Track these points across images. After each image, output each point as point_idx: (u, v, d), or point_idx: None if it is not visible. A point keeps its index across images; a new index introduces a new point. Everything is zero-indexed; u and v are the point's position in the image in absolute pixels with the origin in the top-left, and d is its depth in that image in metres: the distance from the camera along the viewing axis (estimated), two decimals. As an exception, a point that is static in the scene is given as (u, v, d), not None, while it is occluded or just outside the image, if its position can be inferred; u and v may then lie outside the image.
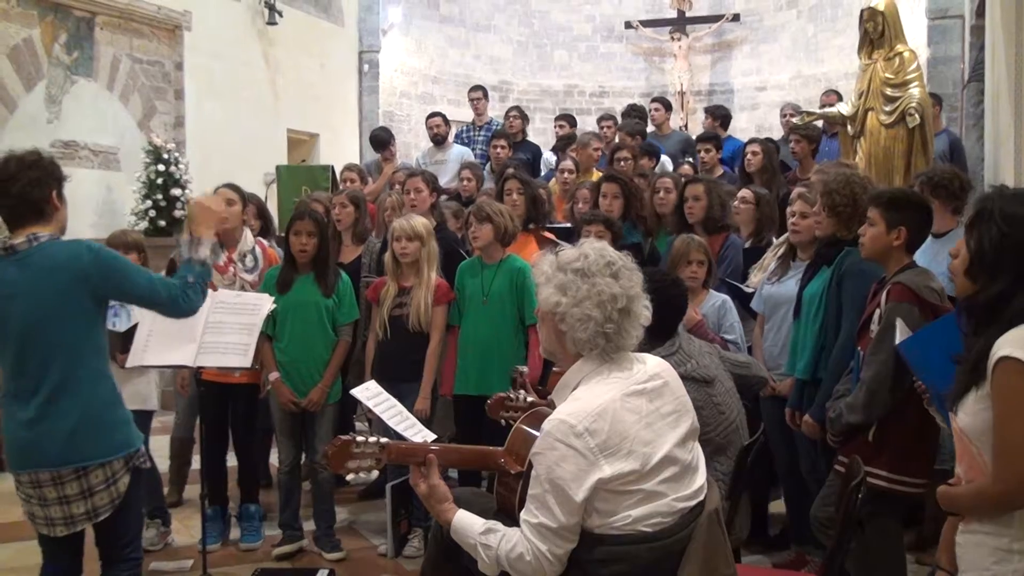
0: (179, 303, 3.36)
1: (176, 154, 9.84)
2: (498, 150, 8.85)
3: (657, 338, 3.90)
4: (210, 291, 4.69)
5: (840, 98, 9.12)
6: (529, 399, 3.40)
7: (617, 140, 8.90)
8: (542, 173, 9.26)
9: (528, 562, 2.58)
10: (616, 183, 6.17)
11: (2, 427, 3.42)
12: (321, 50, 13.32)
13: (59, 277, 3.22)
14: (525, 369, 3.72)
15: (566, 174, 8.04)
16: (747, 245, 5.79)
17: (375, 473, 2.92)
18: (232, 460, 5.51)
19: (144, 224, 9.39)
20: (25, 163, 3.28)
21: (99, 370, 3.34)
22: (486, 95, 10.79)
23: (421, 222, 5.26)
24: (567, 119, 10.57)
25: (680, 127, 14.12)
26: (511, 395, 3.47)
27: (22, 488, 3.33)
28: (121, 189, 9.83)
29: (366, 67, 14.17)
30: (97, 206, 9.60)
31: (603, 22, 16.19)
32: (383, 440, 2.87)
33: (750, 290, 5.25)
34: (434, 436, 4.01)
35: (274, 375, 5.08)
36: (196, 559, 4.86)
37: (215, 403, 5.21)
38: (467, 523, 2.75)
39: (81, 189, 9.32)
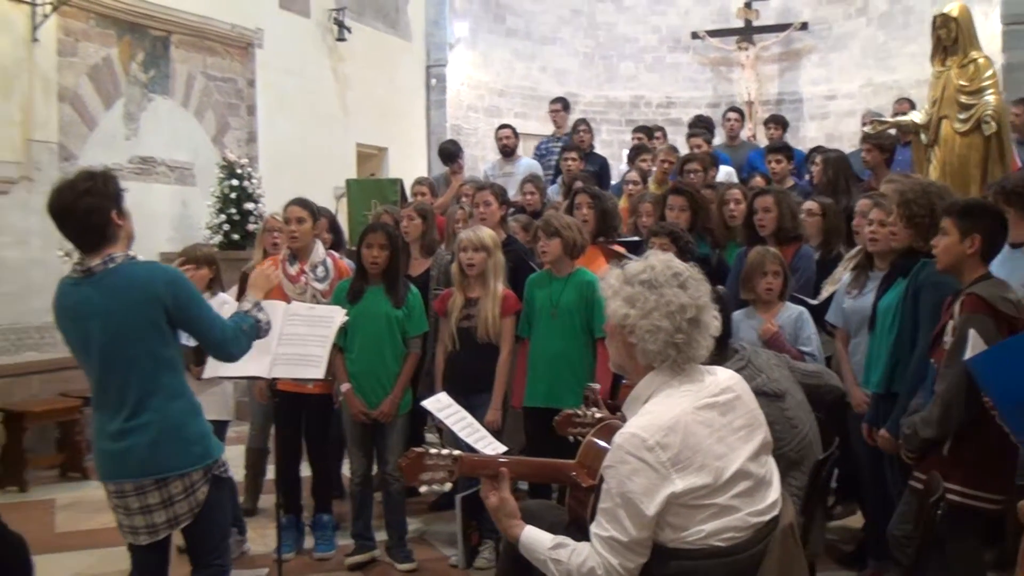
0: (228, 345, 3.51)
1: (249, 169, 10.00)
2: (569, 163, 8.86)
3: (720, 352, 3.87)
4: (283, 303, 4.81)
5: (913, 106, 8.97)
6: (598, 415, 3.40)
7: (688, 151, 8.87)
8: (612, 184, 9.25)
9: None
10: (682, 195, 6.14)
11: (91, 437, 3.55)
12: (389, 65, 13.47)
13: (134, 296, 3.31)
14: (598, 386, 3.72)
15: (631, 186, 8.03)
16: (815, 257, 5.73)
17: (448, 485, 2.94)
18: (305, 470, 5.59)
19: (218, 238, 9.57)
20: (78, 191, 3.32)
21: (176, 385, 3.42)
22: (566, 107, 10.82)
23: (488, 233, 5.29)
24: (643, 130, 10.55)
25: (748, 137, 14.02)
26: (579, 411, 3.47)
27: (110, 497, 3.45)
28: (196, 203, 10.04)
29: (433, 81, 14.29)
30: (173, 220, 9.82)
31: (669, 33, 16.13)
32: (455, 452, 2.89)
33: (814, 302, 5.20)
34: (504, 448, 4.03)
35: (346, 386, 5.13)
36: (271, 567, 4.94)
37: (289, 414, 5.31)
38: (536, 538, 2.75)
39: (158, 204, 9.55)
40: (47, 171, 8.69)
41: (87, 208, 3.30)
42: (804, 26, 15.19)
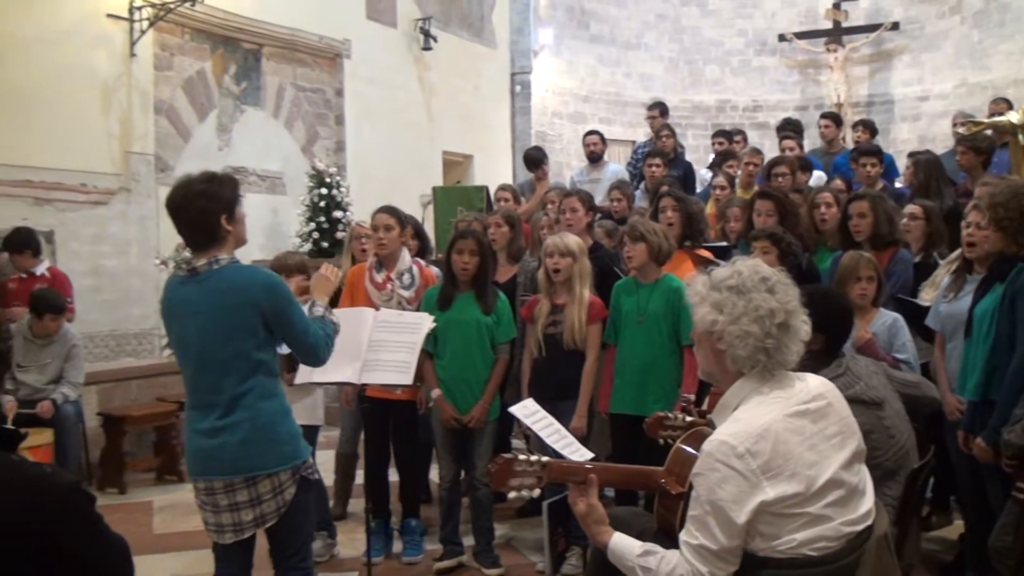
0: (318, 351, 3.59)
1: (337, 178, 10.17)
2: (653, 168, 8.82)
3: (822, 360, 3.81)
4: (373, 310, 4.87)
5: (1010, 106, 8.73)
6: (688, 418, 3.38)
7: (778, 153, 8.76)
8: (697, 190, 9.18)
9: None
10: (770, 200, 6.06)
11: (184, 436, 3.64)
12: (474, 73, 13.57)
13: (232, 299, 3.40)
14: (692, 397, 3.68)
15: (718, 191, 7.96)
16: (916, 260, 5.62)
17: (536, 491, 2.94)
18: (394, 475, 5.65)
19: (308, 246, 9.74)
20: (192, 192, 3.43)
21: (268, 387, 3.49)
22: (663, 112, 10.78)
23: (574, 239, 5.29)
24: (725, 135, 10.45)
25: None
26: (670, 414, 3.45)
27: (198, 495, 3.53)
28: (286, 212, 10.25)
29: (518, 88, 14.35)
30: (264, 229, 10.03)
31: (756, 36, 15.96)
32: (544, 459, 2.90)
33: (926, 303, 5.08)
34: (592, 455, 4.03)
35: (436, 392, 5.18)
36: (361, 571, 5.00)
37: (377, 419, 5.38)
38: (624, 545, 2.74)
39: (250, 213, 9.63)
40: (144, 182, 8.96)
41: (198, 209, 3.40)
42: (895, 26, 14.89)
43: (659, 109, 10.78)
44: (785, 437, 2.55)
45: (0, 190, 7.89)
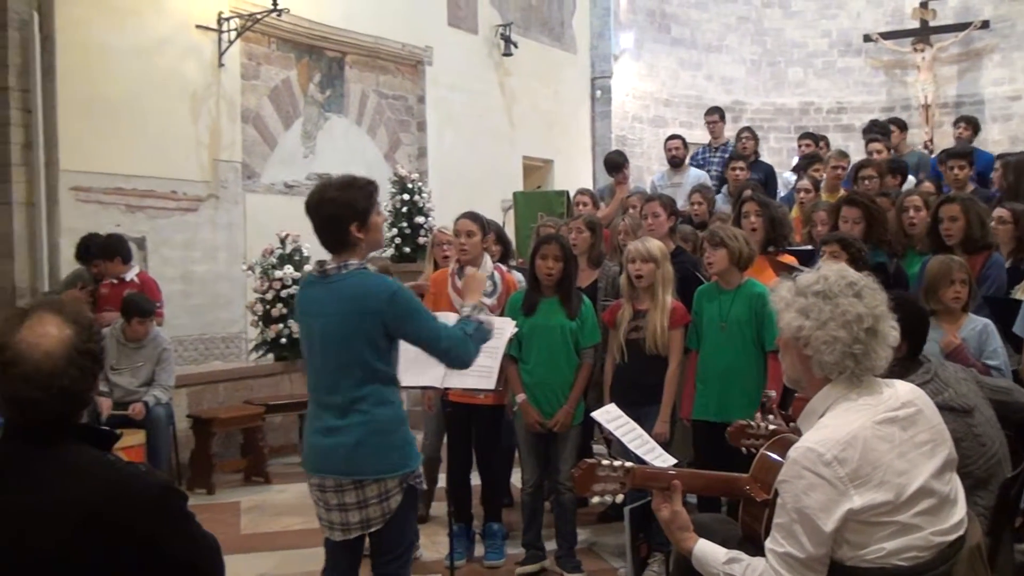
0: (456, 353, 3.57)
1: (419, 184, 10.28)
2: (736, 172, 8.74)
3: (907, 365, 3.75)
4: (455, 315, 4.90)
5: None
6: (771, 427, 3.34)
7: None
8: (779, 194, 9.07)
9: None
10: (857, 207, 5.94)
11: (304, 429, 3.71)
12: (555, 78, 13.60)
13: (356, 306, 3.44)
14: (773, 393, 3.65)
15: (802, 194, 7.85)
16: (1007, 265, 5.48)
17: (620, 497, 2.94)
18: (476, 479, 5.68)
19: (390, 251, 9.85)
20: (325, 197, 3.49)
21: (386, 394, 3.53)
22: (723, 117, 10.70)
23: (656, 244, 5.26)
24: (811, 137, 10.32)
25: (924, 143, 13.52)
26: (752, 423, 3.41)
27: (312, 490, 3.60)
28: (369, 218, 10.36)
29: (598, 92, 14.35)
30: (347, 235, 10.14)
31: (840, 36, 15.70)
32: (628, 464, 2.90)
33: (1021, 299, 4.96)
34: (674, 461, 4.01)
35: (521, 396, 5.19)
36: (443, 574, 5.03)
37: (460, 423, 5.42)
38: (709, 552, 2.73)
39: (333, 219, 9.90)
40: (232, 189, 9.17)
41: (328, 215, 3.47)
42: (985, 24, 14.52)
43: (718, 114, 10.68)
44: (873, 444, 2.52)
45: (94, 197, 8.15)
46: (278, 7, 8.87)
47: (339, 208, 3.46)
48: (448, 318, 4.67)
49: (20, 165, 7.79)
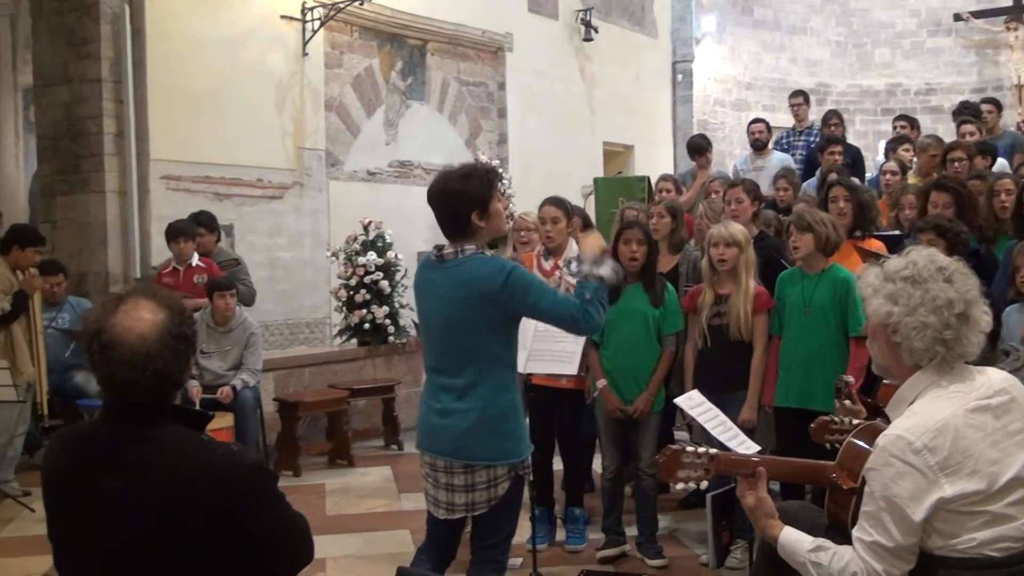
0: (580, 322, 3.50)
1: (500, 170, 10.29)
2: (835, 156, 8.56)
3: (985, 355, 3.65)
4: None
5: None
6: (855, 421, 3.28)
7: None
8: (867, 176, 8.90)
9: None
10: (947, 192, 5.81)
11: (420, 405, 3.74)
12: (635, 62, 13.51)
13: (470, 291, 3.46)
14: (851, 379, 3.59)
15: (889, 176, 7.69)
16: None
17: (704, 483, 2.94)
18: (558, 464, 5.71)
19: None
20: (447, 189, 3.54)
21: (502, 380, 3.54)
22: (807, 100, 10.52)
23: (739, 228, 5.21)
24: (908, 120, 10.10)
25: (1017, 124, 13.11)
26: (835, 419, 3.36)
27: (423, 466, 3.66)
28: (449, 205, 10.42)
29: (679, 77, 14.22)
30: (428, 221, 10.01)
31: (929, 16, 15.31)
32: (712, 451, 2.89)
33: None
34: (758, 448, 3.99)
35: (602, 382, 5.19)
36: (526, 557, 5.07)
37: (543, 408, 5.44)
38: (795, 539, 2.71)
39: (415, 205, 9.94)
40: (316, 177, 9.31)
41: (450, 206, 3.53)
42: (1082, 1, 14.04)
43: (803, 96, 10.49)
44: (965, 433, 2.48)
45: (183, 186, 8.33)
46: (361, -4, 8.97)
47: (458, 198, 3.50)
48: None
49: (113, 155, 8.02)
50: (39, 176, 8.90)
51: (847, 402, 3.39)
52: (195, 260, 7.51)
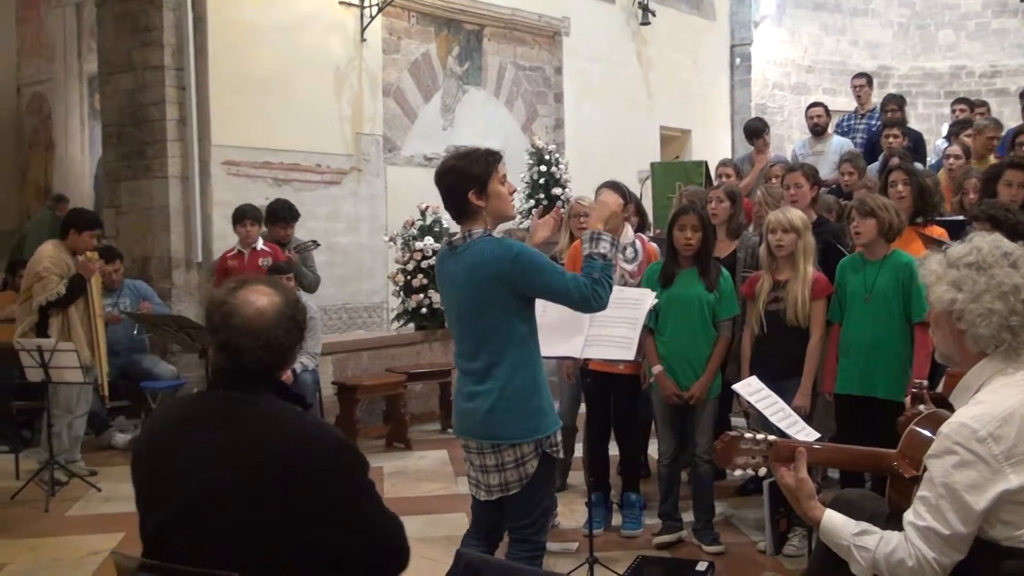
0: (589, 301, 3.51)
1: (556, 155, 10.29)
2: (890, 140, 8.46)
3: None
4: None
5: None
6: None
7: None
8: (929, 161, 8.76)
9: (910, 567, 2.47)
10: (1021, 170, 5.69)
11: (453, 395, 3.85)
12: (693, 46, 13.41)
13: (480, 273, 3.50)
14: (925, 383, 3.52)
15: (952, 160, 7.57)
16: None
17: (763, 470, 2.92)
18: (613, 449, 5.71)
19: (527, 223, 9.91)
20: (446, 168, 3.61)
21: (520, 359, 3.56)
22: (870, 82, 10.36)
23: (797, 214, 5.17)
24: (966, 103, 9.92)
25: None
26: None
27: (463, 450, 3.74)
28: (506, 190, 10.44)
29: (738, 60, 14.10)
30: (485, 206, 10.26)
31: (996, -4, 15.02)
32: (771, 438, 2.87)
33: None
34: (817, 434, 3.96)
35: (657, 368, 5.19)
36: (581, 542, 5.08)
37: (599, 394, 5.45)
38: (838, 523, 2.68)
39: (471, 191, 10.03)
40: (374, 163, 9.39)
41: (448, 184, 3.57)
42: None
43: (866, 78, 10.31)
44: (1032, 422, 2.44)
45: (243, 171, 8.45)
46: (418, -19, 9.02)
47: (458, 176, 3.54)
48: None
49: (175, 140, 8.16)
50: (104, 162, 9.08)
51: (921, 407, 3.34)
52: (260, 244, 7.62)
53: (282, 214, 7.76)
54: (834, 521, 2.69)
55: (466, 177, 3.54)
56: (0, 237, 11.61)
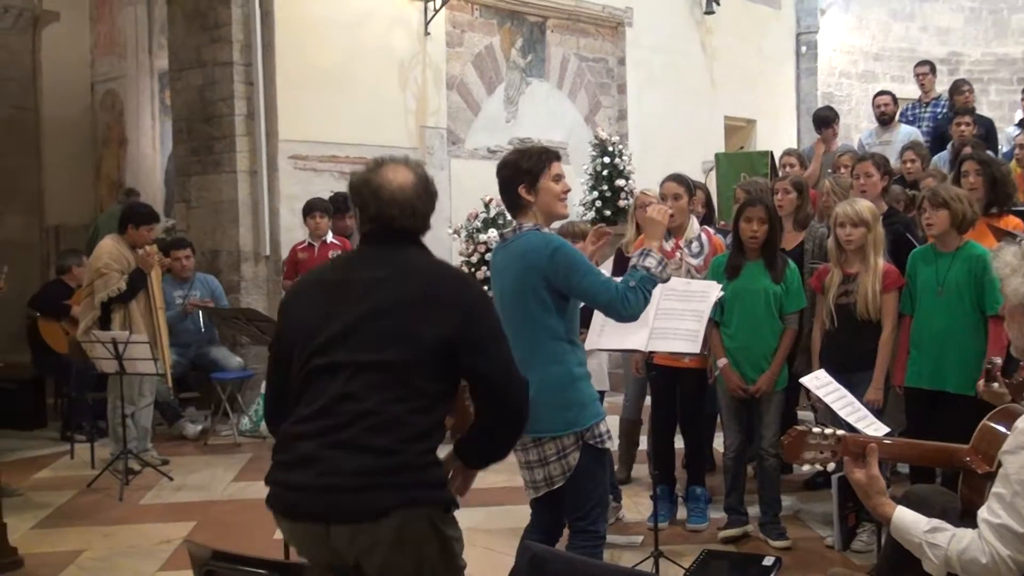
0: (617, 307, 3.55)
1: (620, 146, 10.26)
2: (961, 128, 8.28)
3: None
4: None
5: None
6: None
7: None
8: (1001, 150, 8.57)
9: (984, 565, 2.44)
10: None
11: None
12: (757, 35, 13.26)
13: (521, 263, 3.59)
14: (999, 360, 3.47)
15: (1020, 151, 7.40)
16: None
17: (832, 465, 2.90)
18: (679, 442, 5.69)
19: (591, 214, 9.91)
20: (501, 162, 3.74)
21: (557, 352, 3.60)
22: (933, 70, 10.17)
23: (867, 206, 5.09)
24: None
25: None
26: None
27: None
28: (569, 181, 10.30)
29: (803, 48, 13.91)
30: (550, 198, 10.26)
31: (1072, -22, 14.62)
32: (840, 432, 2.84)
33: None
34: (887, 429, 3.92)
35: (723, 361, 5.16)
36: (646, 535, 5.08)
37: (664, 387, 5.43)
38: (910, 519, 2.65)
39: (535, 183, 10.04)
40: (438, 155, 9.43)
41: (503, 177, 3.69)
42: None
43: (929, 66, 10.11)
44: (1111, 417, 2.40)
45: (310, 165, 8.56)
46: (482, -26, 9.04)
47: (510, 171, 3.66)
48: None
49: (244, 135, 8.29)
50: (174, 157, 9.25)
51: (995, 385, 3.29)
52: (330, 237, 7.73)
53: (341, 205, 7.86)
54: (905, 518, 2.66)
55: (518, 172, 3.64)
56: (76, 231, 11.87)
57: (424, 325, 2.63)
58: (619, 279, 3.64)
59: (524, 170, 3.63)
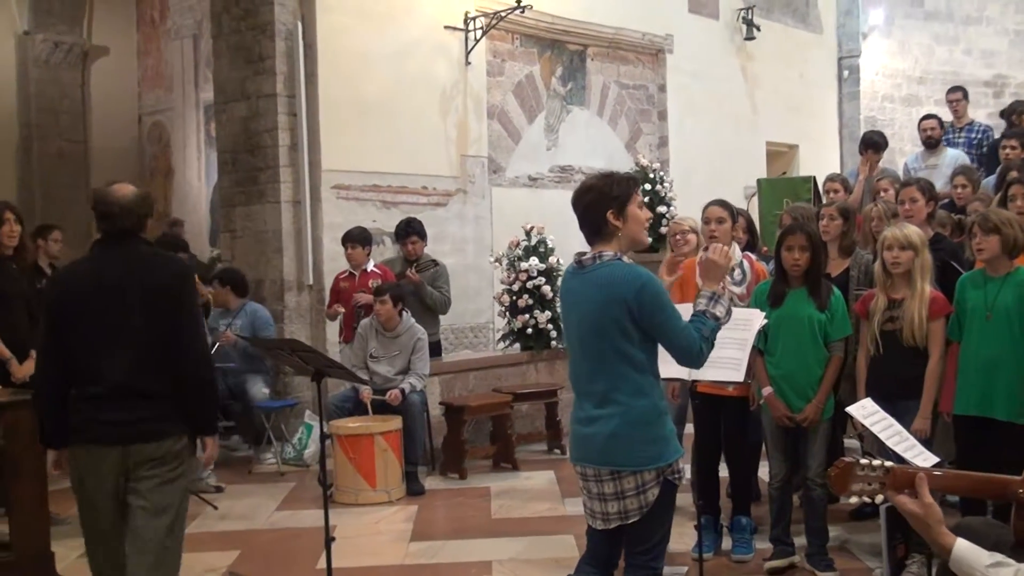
0: (692, 355, 3.52)
1: (661, 173, 10.24)
2: (1007, 151, 8.19)
3: None
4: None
5: None
6: None
7: None
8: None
9: None
10: None
11: (570, 419, 3.80)
12: (799, 60, 13.23)
13: (605, 294, 3.50)
14: None
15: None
16: None
17: (880, 497, 2.83)
18: (723, 471, 5.64)
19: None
20: (584, 187, 3.63)
21: (642, 384, 3.53)
22: (966, 96, 10.08)
23: (914, 231, 5.04)
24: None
25: None
26: None
27: (578, 477, 3.69)
28: (611, 208, 10.42)
29: (846, 73, 13.86)
30: (590, 225, 10.26)
31: (1119, -1, 14.44)
32: (888, 464, 2.79)
33: None
34: (936, 459, 3.84)
35: (767, 390, 5.10)
36: (691, 566, 5.02)
37: (708, 415, 5.37)
38: (971, 553, 2.57)
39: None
40: (479, 184, 9.48)
41: (586, 204, 3.59)
42: None
43: (962, 92, 10.01)
44: None
45: (352, 195, 8.63)
46: (522, 4, 9.07)
47: (597, 196, 3.56)
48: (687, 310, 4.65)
49: (287, 166, 8.38)
50: (219, 187, 9.36)
51: None
52: (370, 266, 7.78)
53: (402, 231, 7.93)
54: (965, 551, 2.59)
55: (606, 197, 3.55)
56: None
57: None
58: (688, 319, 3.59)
59: (613, 196, 3.55)
